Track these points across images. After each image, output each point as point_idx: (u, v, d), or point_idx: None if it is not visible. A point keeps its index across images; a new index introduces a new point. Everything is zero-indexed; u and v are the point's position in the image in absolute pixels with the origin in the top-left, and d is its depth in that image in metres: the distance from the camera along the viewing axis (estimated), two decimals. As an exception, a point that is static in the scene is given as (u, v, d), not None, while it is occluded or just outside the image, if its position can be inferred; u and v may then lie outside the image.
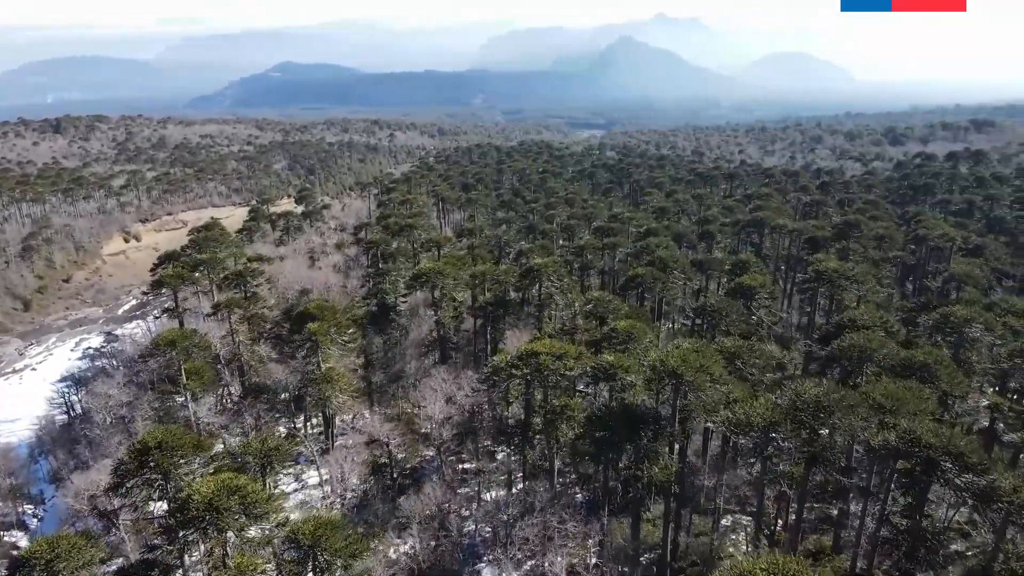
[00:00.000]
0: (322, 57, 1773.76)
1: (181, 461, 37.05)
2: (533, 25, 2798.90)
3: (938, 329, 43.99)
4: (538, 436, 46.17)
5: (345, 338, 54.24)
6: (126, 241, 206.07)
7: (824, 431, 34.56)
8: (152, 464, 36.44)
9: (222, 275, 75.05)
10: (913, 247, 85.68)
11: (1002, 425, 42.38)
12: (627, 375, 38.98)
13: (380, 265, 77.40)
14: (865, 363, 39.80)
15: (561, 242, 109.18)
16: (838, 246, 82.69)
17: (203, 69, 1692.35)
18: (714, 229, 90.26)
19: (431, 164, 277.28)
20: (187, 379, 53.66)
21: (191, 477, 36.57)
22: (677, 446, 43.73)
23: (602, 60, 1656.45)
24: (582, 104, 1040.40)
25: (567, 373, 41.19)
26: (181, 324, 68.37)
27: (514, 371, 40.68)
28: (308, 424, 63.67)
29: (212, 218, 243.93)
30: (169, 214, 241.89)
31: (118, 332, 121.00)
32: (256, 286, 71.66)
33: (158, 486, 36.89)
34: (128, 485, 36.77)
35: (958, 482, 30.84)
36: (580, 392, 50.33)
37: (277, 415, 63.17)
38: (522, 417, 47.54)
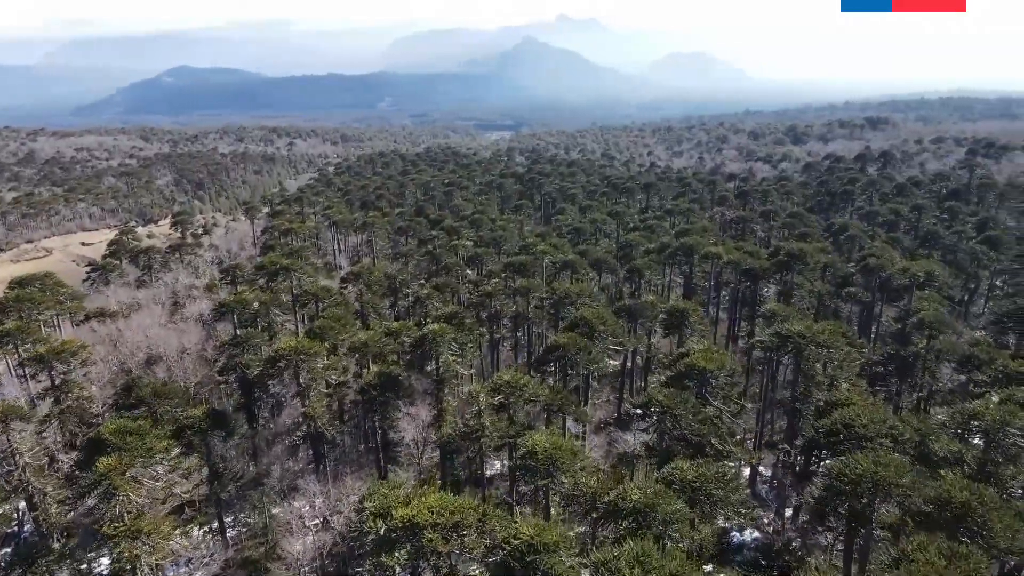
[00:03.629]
0: (220, 60, 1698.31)
1: None
2: (437, 27, 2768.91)
3: (960, 430, 33.31)
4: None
5: (162, 466, 38.99)
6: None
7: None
8: None
9: (29, 353, 57.78)
10: (854, 271, 77.09)
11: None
12: (555, 561, 25.77)
13: (238, 332, 61.74)
14: (879, 500, 28.60)
15: (468, 273, 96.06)
16: (779, 279, 73.18)
17: (90, 75, 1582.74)
18: (641, 264, 78.93)
19: (330, 177, 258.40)
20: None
21: None
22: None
23: (507, 61, 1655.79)
24: (489, 105, 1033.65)
25: (464, 553, 27.86)
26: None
27: (383, 556, 27.02)
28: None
29: (83, 243, 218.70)
30: (30, 241, 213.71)
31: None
32: (65, 373, 54.67)
33: None
34: None
35: None
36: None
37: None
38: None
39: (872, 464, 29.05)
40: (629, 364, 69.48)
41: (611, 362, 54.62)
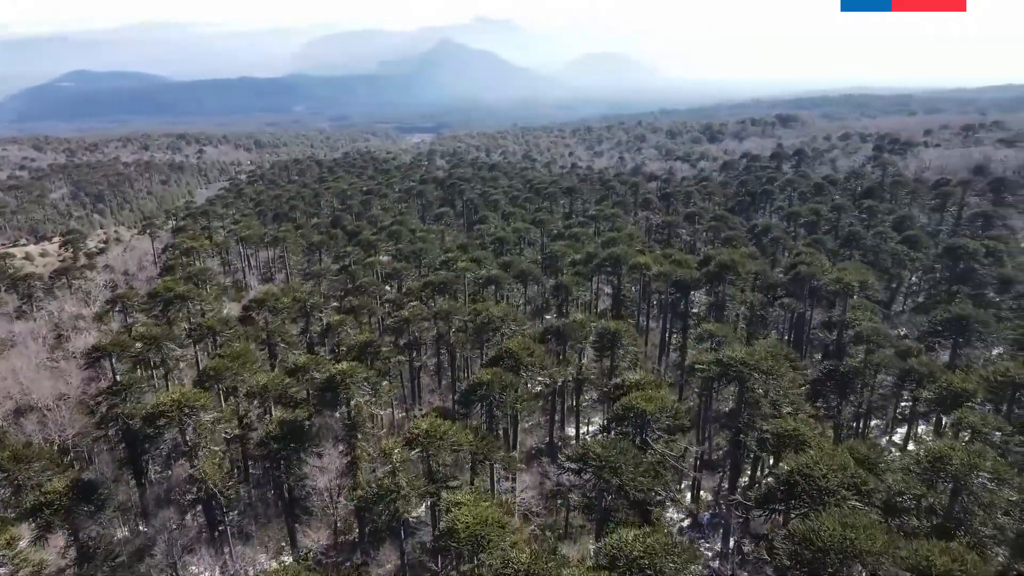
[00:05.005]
0: (122, 64, 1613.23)
1: None
2: (351, 28, 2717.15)
3: (930, 475, 30.13)
4: None
5: (6, 568, 31.96)
6: None
7: None
8: None
9: None
10: (784, 278, 75.46)
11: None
12: None
13: (118, 377, 54.17)
14: (847, 569, 25.14)
15: (387, 289, 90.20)
16: (710, 291, 70.54)
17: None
18: (568, 280, 74.91)
19: (242, 186, 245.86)
20: None
21: None
22: None
23: (425, 63, 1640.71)
24: (409, 108, 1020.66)
25: None
26: None
27: None
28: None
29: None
30: None
31: None
32: None
33: None
34: None
35: None
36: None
37: None
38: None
39: (840, 527, 25.54)
40: (560, 381, 65.61)
41: (540, 379, 50.23)
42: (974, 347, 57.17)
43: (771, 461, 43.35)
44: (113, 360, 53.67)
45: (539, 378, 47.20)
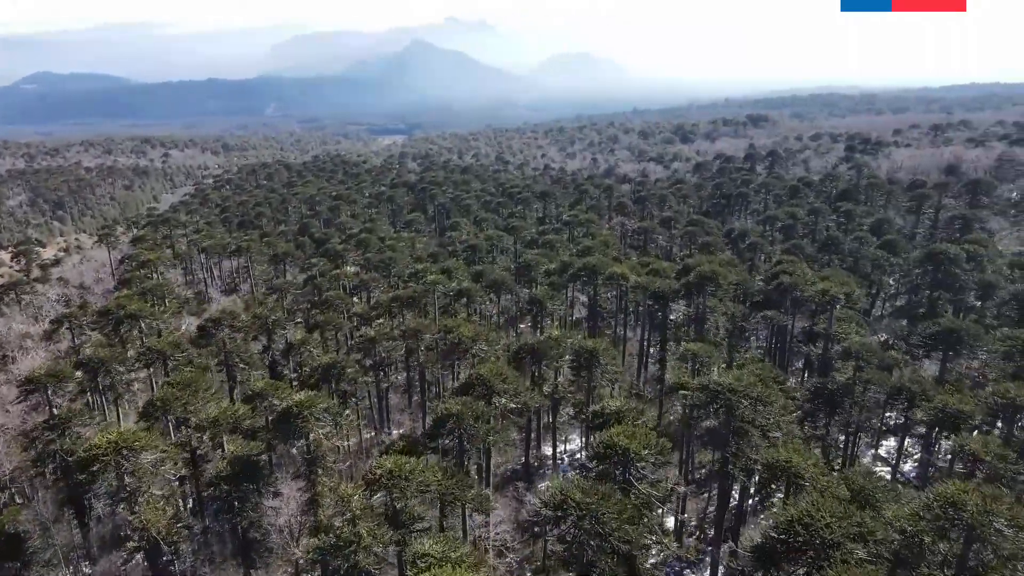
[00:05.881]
0: (87, 66, 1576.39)
1: None
2: (321, 29, 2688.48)
3: (941, 524, 27.29)
4: None
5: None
6: None
7: None
8: None
9: None
10: (765, 286, 73.18)
11: None
12: None
13: (55, 410, 49.84)
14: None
15: (355, 302, 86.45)
16: (690, 302, 68.01)
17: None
18: (542, 294, 71.70)
19: (207, 192, 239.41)
20: None
21: None
22: None
23: (397, 64, 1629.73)
24: (380, 109, 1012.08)
25: None
26: None
27: None
28: None
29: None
30: None
31: None
32: None
33: None
34: None
35: None
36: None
37: None
38: None
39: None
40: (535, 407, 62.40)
41: (514, 407, 46.98)
42: (963, 359, 55.23)
43: (760, 492, 40.73)
44: (49, 392, 49.32)
45: (512, 405, 43.90)
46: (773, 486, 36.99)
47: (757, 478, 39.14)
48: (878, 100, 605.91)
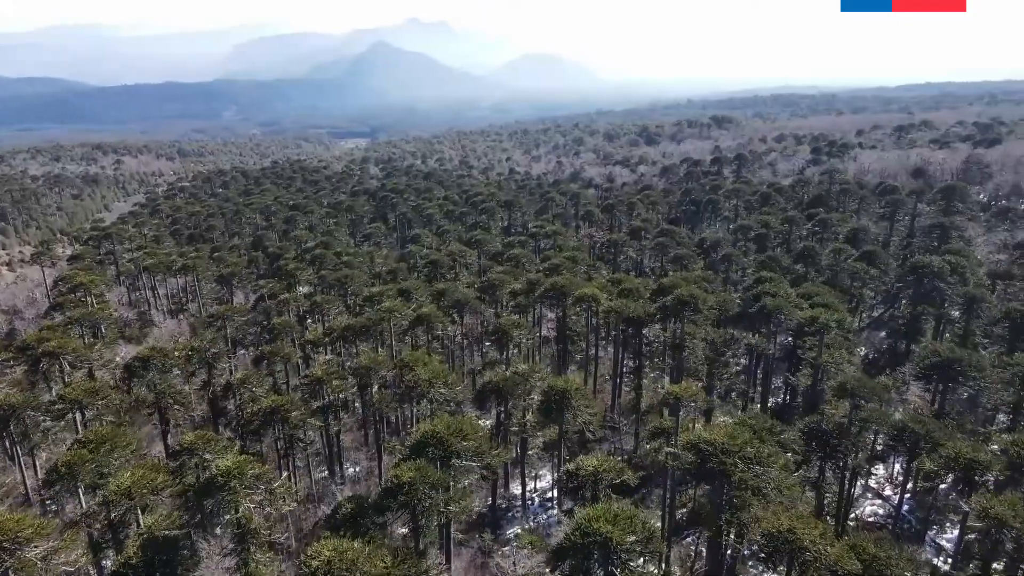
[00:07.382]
0: (34, 69, 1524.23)
1: None
2: (281, 31, 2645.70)
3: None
4: None
5: None
6: None
7: None
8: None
9: None
10: (747, 309, 68.71)
11: None
12: None
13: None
14: None
15: (309, 326, 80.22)
16: (666, 326, 63.31)
17: None
18: (506, 324, 66.06)
19: (158, 202, 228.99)
20: None
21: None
22: None
23: (358, 66, 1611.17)
24: (343, 111, 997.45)
25: None
26: None
27: None
28: None
29: None
30: None
31: None
32: None
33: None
34: None
35: None
36: None
37: None
38: None
39: None
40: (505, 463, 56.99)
41: (477, 469, 41.28)
42: (963, 390, 51.24)
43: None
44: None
45: (475, 466, 38.36)
46: (772, 561, 32.13)
47: (756, 547, 34.30)
48: (837, 100, 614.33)
